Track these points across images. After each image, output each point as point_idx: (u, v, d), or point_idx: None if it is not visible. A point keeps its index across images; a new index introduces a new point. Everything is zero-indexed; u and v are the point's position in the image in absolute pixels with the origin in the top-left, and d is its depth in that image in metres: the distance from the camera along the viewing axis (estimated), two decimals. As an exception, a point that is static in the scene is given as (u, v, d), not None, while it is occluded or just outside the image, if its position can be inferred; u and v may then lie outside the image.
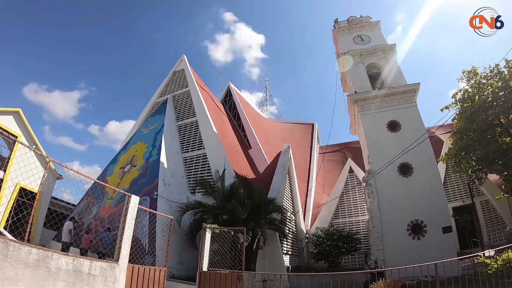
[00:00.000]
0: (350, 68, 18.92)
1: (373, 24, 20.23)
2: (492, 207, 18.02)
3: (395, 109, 16.52)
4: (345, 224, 20.21)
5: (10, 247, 3.96)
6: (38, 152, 5.91)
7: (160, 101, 22.67)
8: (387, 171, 14.69)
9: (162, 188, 14.63)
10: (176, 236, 12.36)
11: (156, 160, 16.08)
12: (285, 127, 32.61)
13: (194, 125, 19.59)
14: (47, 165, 5.26)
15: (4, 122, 15.43)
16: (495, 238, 17.12)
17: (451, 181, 19.60)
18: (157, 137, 17.83)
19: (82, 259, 5.03)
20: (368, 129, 16.54)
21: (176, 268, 12.43)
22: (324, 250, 16.28)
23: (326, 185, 24.56)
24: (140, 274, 6.24)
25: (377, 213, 14.42)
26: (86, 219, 15.38)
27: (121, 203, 12.00)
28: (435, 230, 13.39)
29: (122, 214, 6.24)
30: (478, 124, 13.12)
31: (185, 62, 23.19)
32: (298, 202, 20.33)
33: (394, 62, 18.31)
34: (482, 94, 13.93)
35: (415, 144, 14.11)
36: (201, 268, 7.90)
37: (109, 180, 17.02)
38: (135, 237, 8.61)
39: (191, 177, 17.66)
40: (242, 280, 7.46)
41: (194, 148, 18.66)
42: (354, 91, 17.58)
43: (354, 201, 21.12)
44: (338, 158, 28.36)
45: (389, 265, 12.04)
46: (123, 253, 5.89)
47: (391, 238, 13.82)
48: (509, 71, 13.29)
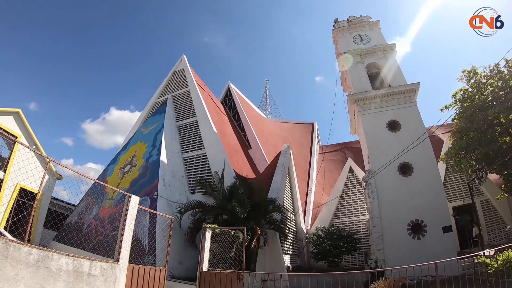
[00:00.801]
0: (350, 67, 18.92)
1: (373, 24, 20.23)
2: (492, 206, 18.02)
3: (395, 109, 16.52)
4: (345, 224, 20.22)
5: (10, 247, 3.96)
6: (38, 152, 5.91)
7: (160, 101, 22.68)
8: (387, 171, 14.69)
9: (162, 188, 14.64)
10: (176, 236, 12.37)
11: (156, 160, 16.09)
12: (285, 127, 32.60)
13: (194, 125, 19.59)
14: (47, 165, 5.26)
15: (4, 122, 15.43)
16: (495, 238, 17.13)
17: (451, 180, 19.59)
18: (157, 137, 17.83)
19: (82, 259, 5.03)
20: (368, 129, 16.53)
21: (176, 268, 12.44)
22: (324, 250, 16.28)
23: (326, 185, 24.56)
24: (140, 274, 6.24)
25: (377, 213, 14.42)
26: (86, 219, 15.39)
27: (121, 203, 12.01)
28: (435, 229, 13.38)
29: (122, 214, 6.24)
30: (478, 123, 13.12)
31: (185, 62, 23.20)
32: (298, 202, 20.33)
33: (394, 62, 18.30)
34: (482, 93, 13.93)
35: (415, 144, 14.11)
36: (201, 268, 7.90)
37: (109, 180, 17.03)
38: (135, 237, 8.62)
39: (191, 177, 17.67)
40: (242, 280, 7.46)
41: (194, 148, 18.66)
42: (354, 91, 17.59)
43: (354, 201, 21.13)
44: (338, 158, 28.35)
45: (389, 265, 12.05)
46: (123, 253, 5.89)
47: (391, 238, 13.83)
48: (509, 71, 13.29)
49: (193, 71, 22.97)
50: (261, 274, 10.86)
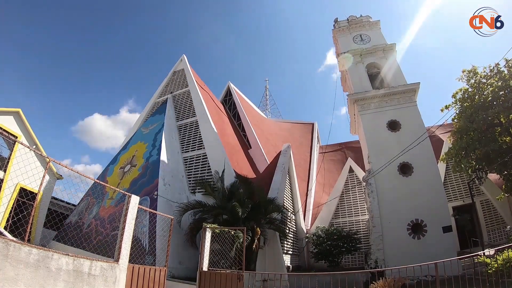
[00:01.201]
0: (350, 67, 18.93)
1: (373, 23, 20.24)
2: (492, 206, 18.02)
3: (395, 109, 16.53)
4: (345, 224, 20.22)
5: (11, 247, 3.97)
6: (38, 152, 5.91)
7: (160, 101, 22.68)
8: (387, 170, 14.69)
9: (162, 188, 14.65)
10: (176, 236, 12.37)
11: (156, 160, 16.10)
12: (285, 126, 32.61)
13: (194, 125, 19.60)
14: (47, 165, 5.26)
15: (4, 122, 15.44)
16: (495, 238, 17.13)
17: (451, 180, 19.60)
18: (157, 137, 17.84)
19: (82, 259, 5.03)
20: (368, 129, 16.54)
21: (176, 268, 12.44)
22: (324, 250, 16.27)
23: (326, 185, 24.56)
24: (140, 274, 6.25)
25: (377, 213, 14.42)
26: (86, 219, 15.40)
27: (121, 203, 12.01)
28: (435, 229, 13.39)
29: (122, 214, 6.25)
30: (478, 123, 13.11)
31: (185, 62, 23.21)
32: (298, 202, 20.34)
33: (394, 62, 18.31)
34: (482, 93, 13.92)
35: (415, 143, 14.11)
36: (201, 268, 7.90)
37: (109, 180, 17.03)
38: (135, 237, 8.62)
39: (191, 177, 17.67)
40: (242, 280, 7.46)
41: (194, 148, 18.67)
42: (354, 91, 17.60)
43: (354, 200, 21.13)
44: (338, 158, 28.35)
45: (389, 265, 12.06)
46: (123, 253, 5.89)
47: (391, 238, 13.83)
48: (509, 71, 13.28)
49: (193, 71, 22.98)
50: (261, 274, 10.86)
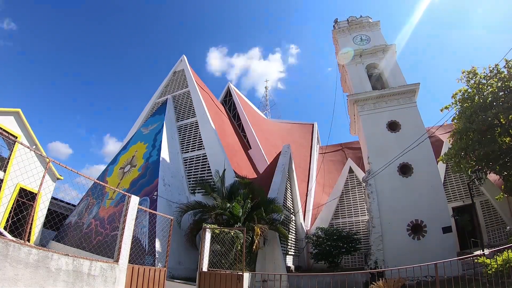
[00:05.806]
0: (350, 68, 18.93)
1: (372, 24, 20.25)
2: (492, 207, 18.02)
3: (395, 109, 16.53)
4: (345, 224, 20.22)
5: (10, 247, 3.96)
6: (38, 152, 5.90)
7: (160, 101, 22.70)
8: (387, 171, 14.69)
9: (162, 188, 14.66)
10: (176, 236, 12.38)
11: (156, 160, 16.10)
12: (285, 127, 32.62)
13: (194, 125, 19.61)
14: (47, 166, 5.26)
15: (4, 122, 15.44)
16: (495, 238, 17.12)
17: (451, 181, 19.60)
18: (157, 137, 17.85)
19: (82, 259, 5.02)
20: (368, 129, 16.54)
21: (176, 269, 12.44)
22: (324, 250, 16.27)
23: (326, 185, 24.56)
24: (140, 275, 6.24)
25: (377, 213, 14.42)
26: (86, 219, 15.40)
27: (121, 203, 12.02)
28: (435, 230, 13.39)
29: (122, 215, 6.24)
30: (478, 124, 13.11)
31: (185, 62, 23.22)
32: (298, 202, 20.33)
33: (394, 62, 18.32)
34: (481, 94, 13.93)
35: (415, 144, 14.12)
36: (201, 268, 7.90)
37: (109, 181, 17.03)
38: (135, 237, 8.62)
39: (191, 177, 17.68)
40: (242, 280, 7.46)
41: (194, 148, 18.67)
42: (354, 91, 17.60)
43: (354, 201, 21.12)
44: (338, 158, 28.36)
45: (389, 265, 12.04)
46: (123, 253, 5.88)
47: (391, 238, 13.83)
48: (509, 71, 13.28)
49: (193, 71, 23.01)
50: (261, 274, 10.86)
